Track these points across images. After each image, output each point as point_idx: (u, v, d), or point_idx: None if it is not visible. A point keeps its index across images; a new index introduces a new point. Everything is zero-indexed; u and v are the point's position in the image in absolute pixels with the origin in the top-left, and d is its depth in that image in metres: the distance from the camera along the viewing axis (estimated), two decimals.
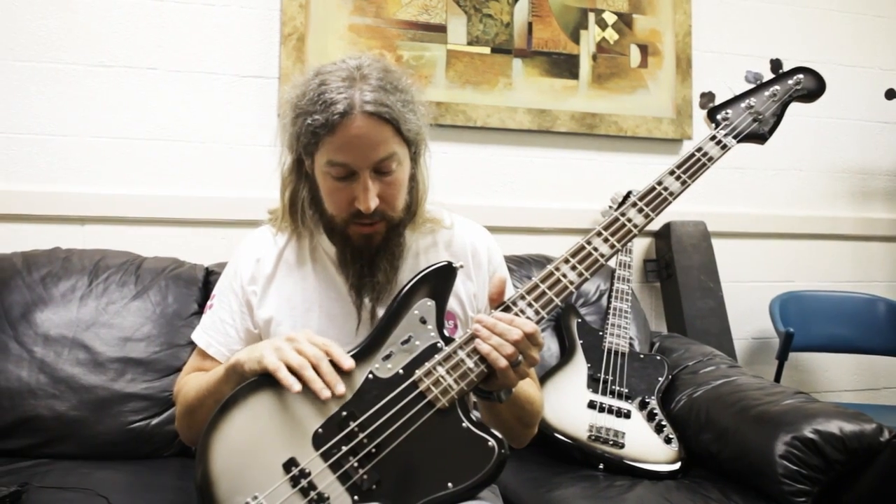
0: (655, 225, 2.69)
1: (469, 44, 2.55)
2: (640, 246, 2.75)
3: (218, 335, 1.40)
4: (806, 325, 2.71)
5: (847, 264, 3.01)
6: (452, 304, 1.37)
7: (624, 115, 2.69)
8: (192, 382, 1.36)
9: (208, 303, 1.47)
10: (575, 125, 2.64)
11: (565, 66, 2.64)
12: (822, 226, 2.96)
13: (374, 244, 1.31)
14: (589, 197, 2.65)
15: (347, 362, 1.15)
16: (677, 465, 1.84)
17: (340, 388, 1.14)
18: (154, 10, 2.30)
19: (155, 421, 1.86)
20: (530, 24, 2.61)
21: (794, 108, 3.04)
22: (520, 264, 2.28)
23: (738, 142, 1.40)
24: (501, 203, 2.59)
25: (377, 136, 1.23)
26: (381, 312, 1.33)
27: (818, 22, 2.94)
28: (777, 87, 1.44)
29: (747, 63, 1.46)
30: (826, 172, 2.99)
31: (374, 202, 1.24)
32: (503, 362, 1.14)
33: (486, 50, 2.56)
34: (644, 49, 2.73)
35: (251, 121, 2.37)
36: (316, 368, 1.14)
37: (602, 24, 2.68)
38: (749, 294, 2.83)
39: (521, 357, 1.15)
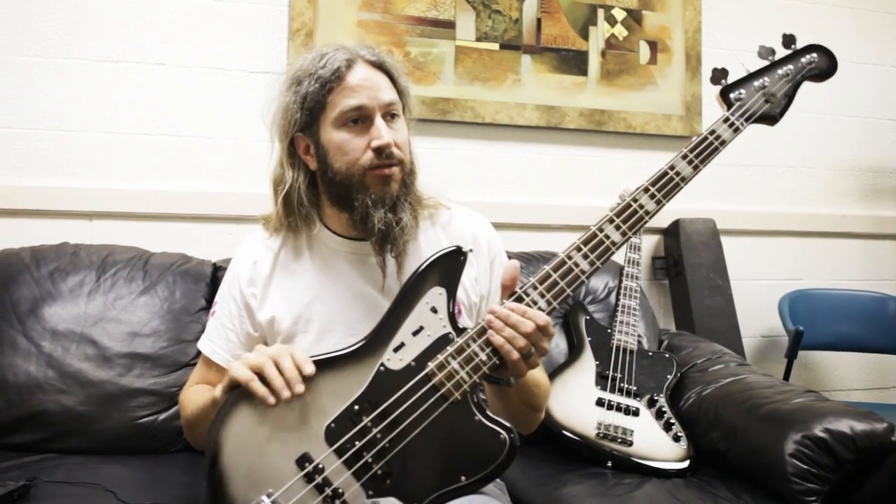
0: (664, 222, 2.69)
1: (478, 40, 2.54)
2: (649, 243, 2.74)
3: (221, 341, 1.41)
4: (815, 323, 2.70)
5: (857, 262, 2.99)
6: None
7: (633, 111, 2.68)
8: (192, 399, 1.37)
9: (211, 310, 1.47)
10: (583, 122, 2.63)
11: (574, 62, 2.63)
12: (832, 224, 2.94)
13: (393, 190, 1.31)
14: (597, 194, 2.64)
15: (308, 368, 1.13)
16: (686, 464, 1.83)
17: (299, 387, 1.11)
18: (162, 5, 2.30)
19: (162, 416, 1.86)
20: (539, 21, 2.60)
21: (804, 106, 3.04)
22: (528, 261, 2.27)
23: (750, 123, 1.36)
24: (509, 200, 2.58)
25: (381, 80, 1.32)
26: (405, 267, 1.33)
27: (829, 19, 2.92)
28: (790, 66, 1.40)
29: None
30: (836, 170, 2.98)
31: (391, 137, 1.29)
32: (515, 355, 1.13)
33: (495, 46, 2.56)
34: (653, 45, 2.71)
35: (259, 116, 2.35)
36: (277, 365, 1.12)
37: (611, 21, 2.67)
38: (758, 292, 2.82)
39: (532, 349, 1.15)
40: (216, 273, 2.07)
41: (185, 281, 2.02)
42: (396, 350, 1.18)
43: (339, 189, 1.32)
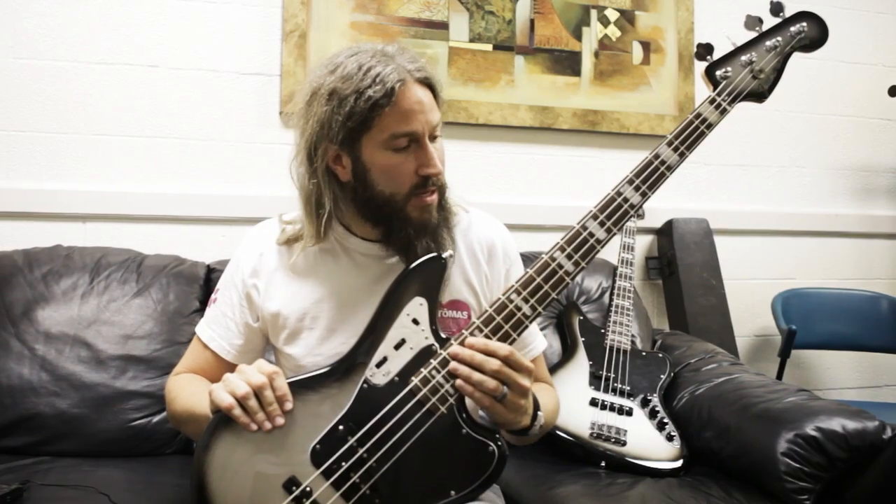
0: (657, 221, 2.69)
1: (471, 41, 2.54)
2: (643, 243, 2.75)
3: (219, 329, 1.39)
4: (808, 322, 2.70)
5: (849, 261, 3.00)
6: (465, 293, 1.35)
7: (626, 112, 2.68)
8: (181, 394, 1.34)
9: (212, 296, 1.44)
10: (577, 122, 2.63)
11: (567, 63, 2.64)
12: (825, 223, 2.95)
13: (433, 216, 1.27)
14: (591, 194, 2.60)
15: (287, 405, 1.12)
16: (679, 463, 1.84)
17: (279, 420, 1.11)
18: (155, 7, 2.30)
19: (156, 419, 1.86)
20: (532, 21, 2.60)
21: (797, 106, 3.04)
22: (521, 261, 2.27)
23: (737, 103, 1.28)
24: (503, 200, 2.58)
25: (429, 101, 1.25)
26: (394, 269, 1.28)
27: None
28: (778, 37, 1.31)
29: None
30: (829, 169, 2.98)
31: (441, 165, 1.24)
32: (487, 400, 1.11)
33: (488, 47, 2.56)
34: (646, 46, 2.72)
35: (252, 118, 2.37)
36: (259, 396, 1.10)
37: (604, 21, 2.67)
38: (751, 291, 2.83)
39: (505, 389, 1.11)
40: (210, 275, 2.07)
41: (178, 283, 2.02)
42: (379, 365, 1.15)
43: (375, 211, 1.27)
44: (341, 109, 1.20)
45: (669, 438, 1.89)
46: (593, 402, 1.96)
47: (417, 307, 1.18)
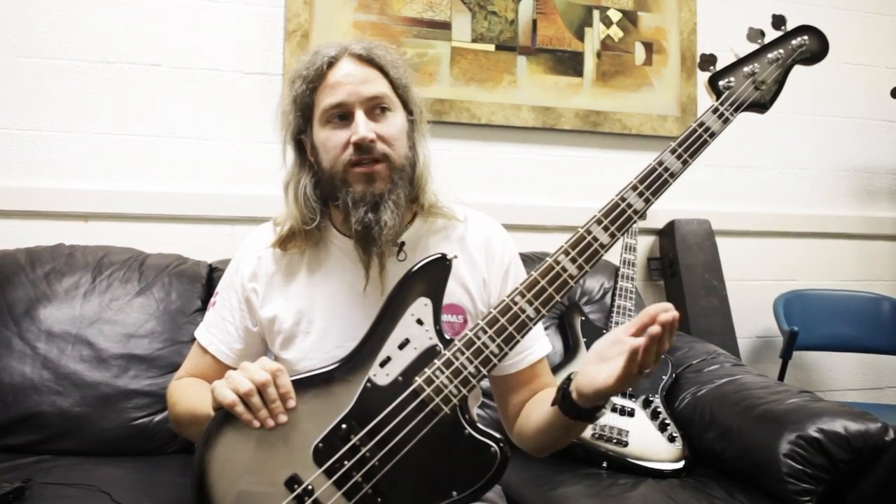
0: (659, 222, 2.69)
1: (473, 41, 2.54)
2: (645, 244, 2.75)
3: (219, 333, 1.39)
4: (810, 323, 2.70)
5: (851, 263, 3.00)
6: (461, 297, 1.35)
7: (628, 112, 2.68)
8: (181, 396, 1.34)
9: (212, 300, 1.45)
10: (579, 123, 2.63)
11: (570, 63, 2.64)
12: (827, 224, 2.95)
13: (378, 188, 1.26)
14: (593, 195, 2.64)
15: (290, 403, 1.12)
16: (681, 464, 1.84)
17: (282, 418, 1.11)
18: (158, 6, 2.30)
19: (158, 417, 1.86)
20: (535, 22, 2.60)
21: (798, 108, 3.04)
22: (523, 262, 2.27)
23: (739, 112, 1.30)
24: (505, 201, 2.58)
25: (366, 74, 1.28)
26: (390, 271, 1.29)
27: (823, 20, 2.87)
28: (780, 49, 1.34)
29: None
30: (831, 171, 2.98)
31: (368, 132, 1.24)
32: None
33: (491, 47, 2.56)
34: (649, 47, 2.72)
35: (255, 117, 2.36)
36: (262, 393, 1.10)
37: (607, 22, 2.67)
38: (753, 292, 2.82)
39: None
40: (212, 274, 2.07)
41: (180, 282, 2.02)
42: (383, 365, 1.15)
43: (328, 188, 1.31)
44: (294, 89, 1.30)
45: (671, 439, 1.89)
46: None
47: (422, 307, 1.18)
